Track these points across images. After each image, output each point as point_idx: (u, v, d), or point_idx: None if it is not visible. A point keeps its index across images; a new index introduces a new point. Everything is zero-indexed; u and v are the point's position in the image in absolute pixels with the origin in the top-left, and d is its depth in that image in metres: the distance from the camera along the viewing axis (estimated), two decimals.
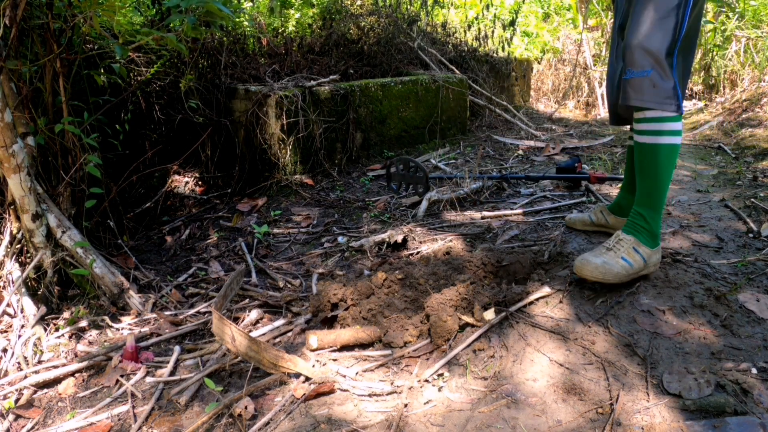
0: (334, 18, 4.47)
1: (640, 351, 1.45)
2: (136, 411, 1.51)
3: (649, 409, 1.27)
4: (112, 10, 2.12)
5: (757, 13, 4.89)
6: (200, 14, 2.20)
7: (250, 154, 3.37)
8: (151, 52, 3.02)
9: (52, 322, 1.97)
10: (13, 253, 2.04)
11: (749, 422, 1.19)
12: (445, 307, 1.61)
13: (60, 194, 2.20)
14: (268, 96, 3.18)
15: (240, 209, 3.05)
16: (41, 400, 1.62)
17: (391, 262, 2.20)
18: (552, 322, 1.59)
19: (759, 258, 1.94)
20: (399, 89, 3.87)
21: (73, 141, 2.21)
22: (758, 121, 3.90)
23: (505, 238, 2.35)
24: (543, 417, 1.30)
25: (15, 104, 2.03)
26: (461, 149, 4.05)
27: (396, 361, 1.58)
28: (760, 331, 1.50)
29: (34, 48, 2.19)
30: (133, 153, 3.02)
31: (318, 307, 1.82)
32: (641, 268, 1.69)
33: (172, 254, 2.64)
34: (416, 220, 2.68)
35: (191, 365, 1.71)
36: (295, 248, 2.57)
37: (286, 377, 1.53)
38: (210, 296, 2.19)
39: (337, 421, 1.35)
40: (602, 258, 1.66)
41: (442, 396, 1.41)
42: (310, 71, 3.86)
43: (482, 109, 4.94)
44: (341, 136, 3.56)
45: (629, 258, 1.67)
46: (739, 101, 4.46)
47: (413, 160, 3.03)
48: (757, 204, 2.46)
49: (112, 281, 2.07)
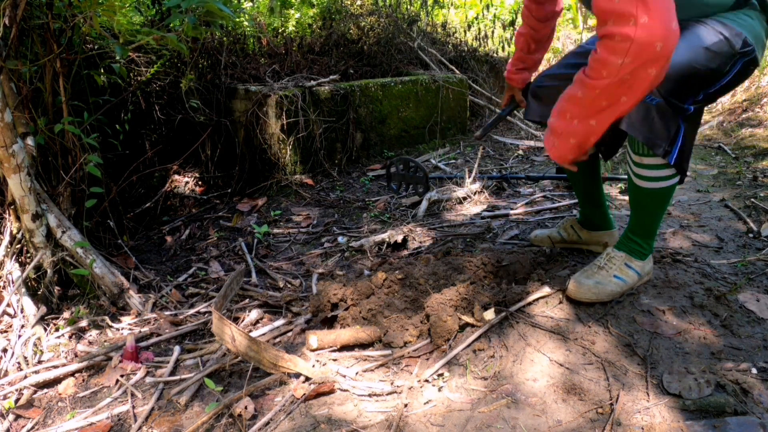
0: (334, 18, 4.47)
1: (640, 351, 1.45)
2: (136, 411, 1.51)
3: (649, 409, 1.27)
4: (112, 10, 2.12)
5: None
6: (200, 14, 2.20)
7: (250, 154, 3.37)
8: (151, 52, 3.02)
9: (52, 322, 1.97)
10: (13, 253, 2.04)
11: (749, 422, 1.19)
12: (445, 307, 1.61)
13: (60, 194, 2.20)
14: (268, 96, 3.18)
15: (240, 209, 3.05)
16: (41, 400, 1.62)
17: (391, 262, 2.20)
18: (552, 322, 1.59)
19: (759, 258, 1.94)
20: (399, 89, 3.87)
21: (73, 141, 2.21)
22: (758, 121, 3.90)
23: (505, 238, 2.35)
24: (543, 417, 1.30)
25: (15, 104, 2.03)
26: (461, 149, 4.05)
27: (396, 361, 1.58)
28: (760, 331, 1.50)
29: (34, 48, 2.19)
30: (133, 153, 3.02)
31: (318, 307, 1.82)
32: (636, 282, 1.67)
33: (172, 254, 2.64)
34: (416, 220, 2.68)
35: (191, 365, 1.71)
36: (295, 248, 2.57)
37: (286, 377, 1.53)
38: (210, 296, 2.19)
39: (337, 421, 1.35)
40: (594, 279, 1.63)
41: (442, 396, 1.41)
42: (310, 71, 3.86)
43: (482, 109, 4.94)
44: (341, 136, 3.56)
45: (622, 275, 1.64)
46: (739, 101, 4.46)
47: (413, 160, 3.03)
48: (757, 204, 2.46)
49: (112, 281, 2.07)
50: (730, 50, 1.42)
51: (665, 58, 1.25)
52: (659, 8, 1.22)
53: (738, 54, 1.43)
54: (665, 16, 1.24)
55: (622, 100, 1.33)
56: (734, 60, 1.43)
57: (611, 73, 1.28)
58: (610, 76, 1.28)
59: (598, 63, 1.29)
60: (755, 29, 1.48)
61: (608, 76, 1.29)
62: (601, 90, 1.31)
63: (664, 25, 1.23)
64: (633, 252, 1.66)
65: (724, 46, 1.42)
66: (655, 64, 1.25)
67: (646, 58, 1.24)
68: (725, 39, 1.43)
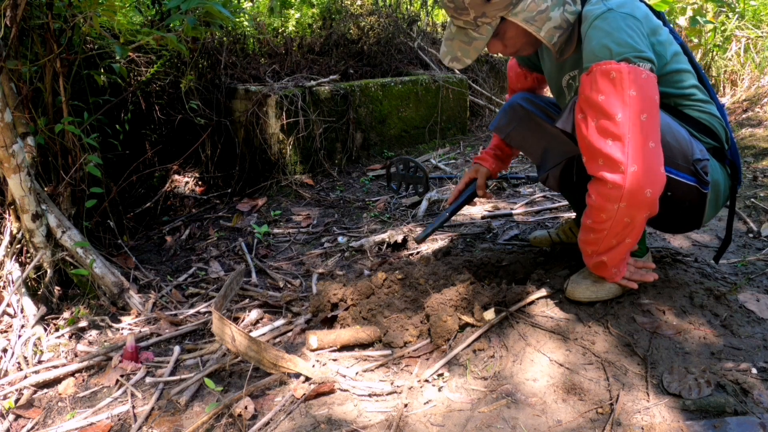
0: (334, 18, 4.47)
1: (639, 351, 1.45)
2: (136, 411, 1.51)
3: (649, 409, 1.27)
4: (112, 10, 2.12)
5: (757, 13, 4.89)
6: (200, 15, 2.20)
7: (250, 154, 3.37)
8: (151, 52, 3.02)
9: (52, 322, 1.97)
10: (13, 253, 2.04)
11: (749, 422, 1.19)
12: (445, 307, 1.61)
13: (60, 194, 2.20)
14: (268, 96, 3.18)
15: (240, 209, 3.05)
16: (41, 400, 1.62)
17: (391, 262, 2.20)
18: (552, 322, 1.59)
19: (759, 258, 1.94)
20: (399, 89, 3.87)
21: (73, 141, 2.21)
22: (758, 120, 3.90)
23: (505, 238, 2.35)
24: (543, 417, 1.30)
25: (15, 104, 2.03)
26: (461, 149, 4.05)
27: (396, 361, 1.58)
28: (760, 331, 1.50)
29: (34, 48, 2.19)
30: (133, 153, 3.02)
31: (318, 307, 1.82)
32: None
33: (172, 254, 2.64)
34: (416, 220, 2.68)
35: (191, 365, 1.71)
36: (295, 248, 2.57)
37: (286, 377, 1.53)
38: (210, 296, 2.19)
39: (337, 421, 1.35)
40: (591, 278, 1.63)
41: (442, 396, 1.41)
42: (310, 71, 3.86)
43: (482, 109, 4.94)
44: (341, 136, 3.56)
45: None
46: (739, 101, 4.46)
47: (413, 160, 3.03)
48: (757, 204, 2.46)
49: (112, 281, 2.07)
50: (689, 151, 1.43)
51: (655, 202, 1.35)
52: (647, 157, 1.31)
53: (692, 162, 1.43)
54: (653, 164, 1.33)
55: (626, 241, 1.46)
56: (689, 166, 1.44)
57: (610, 216, 1.39)
58: (610, 219, 1.39)
59: (596, 210, 1.40)
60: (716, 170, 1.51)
61: (608, 219, 1.40)
62: (608, 231, 1.42)
63: (652, 172, 1.32)
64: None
65: (686, 143, 1.44)
66: (646, 208, 1.36)
67: (637, 204, 1.34)
68: (688, 141, 1.44)
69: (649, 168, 1.31)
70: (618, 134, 1.29)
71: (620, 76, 1.29)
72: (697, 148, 1.45)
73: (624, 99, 1.29)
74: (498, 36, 1.49)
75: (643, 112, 1.30)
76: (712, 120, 1.50)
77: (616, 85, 1.29)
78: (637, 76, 1.29)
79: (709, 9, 4.34)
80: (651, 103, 1.31)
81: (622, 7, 1.38)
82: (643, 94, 1.30)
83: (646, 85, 1.30)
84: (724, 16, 4.71)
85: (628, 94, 1.29)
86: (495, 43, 1.52)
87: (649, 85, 1.31)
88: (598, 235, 1.45)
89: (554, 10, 1.44)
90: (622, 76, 1.29)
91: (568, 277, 1.70)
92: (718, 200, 1.54)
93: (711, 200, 1.50)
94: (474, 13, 1.43)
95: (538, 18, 1.43)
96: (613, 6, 1.39)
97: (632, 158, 1.29)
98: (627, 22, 1.35)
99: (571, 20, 1.46)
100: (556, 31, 1.46)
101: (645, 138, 1.30)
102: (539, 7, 1.42)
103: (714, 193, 1.50)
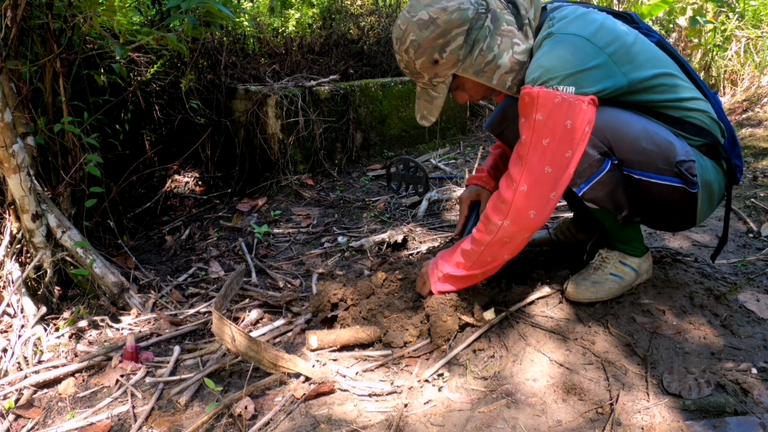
0: (334, 18, 4.47)
1: (639, 351, 1.45)
2: (136, 411, 1.51)
3: (649, 409, 1.27)
4: (112, 10, 2.13)
5: (757, 13, 4.89)
6: (200, 14, 2.20)
7: (250, 154, 3.37)
8: (151, 52, 3.03)
9: (52, 322, 1.97)
10: (13, 253, 2.04)
11: (749, 422, 1.19)
12: (445, 307, 1.61)
13: (60, 194, 2.20)
14: (268, 96, 3.18)
15: (240, 209, 3.05)
16: (41, 400, 1.62)
17: (391, 262, 2.20)
18: (552, 322, 1.59)
19: (759, 258, 1.94)
20: (399, 89, 3.86)
21: (73, 141, 2.21)
22: (758, 120, 3.90)
23: None
24: (543, 417, 1.30)
25: (15, 104, 2.03)
26: (461, 149, 4.05)
27: (396, 361, 1.58)
28: (760, 331, 1.50)
29: (34, 48, 2.19)
30: (133, 153, 3.02)
31: (318, 307, 1.82)
32: (633, 279, 1.66)
33: (172, 254, 2.64)
34: (416, 220, 2.68)
35: (191, 365, 1.71)
36: (295, 248, 2.57)
37: (286, 377, 1.53)
38: (210, 296, 2.19)
39: (337, 421, 1.36)
40: (591, 279, 1.63)
41: (442, 396, 1.41)
42: (310, 71, 3.86)
43: (482, 108, 4.94)
44: (341, 136, 3.56)
45: (618, 273, 1.64)
46: (739, 101, 4.46)
47: (413, 160, 3.03)
48: (757, 204, 2.46)
49: (112, 281, 2.07)
50: (671, 153, 1.40)
51: (539, 225, 1.40)
52: (539, 180, 1.37)
53: (675, 164, 1.39)
54: (543, 189, 1.38)
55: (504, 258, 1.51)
56: (671, 168, 1.40)
57: (491, 231, 1.44)
58: (491, 234, 1.45)
59: (485, 218, 1.47)
60: (707, 170, 1.48)
61: (489, 234, 1.45)
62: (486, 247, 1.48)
63: (541, 196, 1.38)
64: (626, 249, 1.67)
65: (667, 146, 1.40)
66: (528, 230, 1.42)
67: (521, 223, 1.40)
68: (669, 143, 1.41)
69: (538, 192, 1.37)
70: (521, 154, 1.38)
71: (531, 101, 1.34)
72: (682, 149, 1.41)
73: (531, 122, 1.35)
74: (459, 89, 1.54)
75: (545, 137, 1.34)
76: (700, 116, 1.46)
77: (527, 108, 1.36)
78: (548, 100, 1.32)
79: (709, 9, 4.34)
80: (559, 129, 1.33)
81: (564, 28, 1.39)
82: (551, 119, 1.33)
83: (556, 110, 1.32)
84: (724, 16, 4.71)
85: (535, 118, 1.35)
86: (460, 94, 1.57)
87: (562, 109, 1.32)
88: (476, 248, 1.50)
89: (502, 56, 1.44)
90: (533, 101, 1.34)
91: (568, 277, 1.70)
92: (712, 198, 1.53)
93: (704, 199, 1.49)
94: (428, 75, 1.47)
95: (488, 69, 1.45)
96: (555, 30, 1.39)
97: (524, 179, 1.37)
98: (563, 44, 1.36)
99: (523, 59, 1.45)
100: (507, 75, 1.46)
101: (541, 162, 1.35)
102: (486, 59, 1.43)
103: (706, 191, 1.49)
